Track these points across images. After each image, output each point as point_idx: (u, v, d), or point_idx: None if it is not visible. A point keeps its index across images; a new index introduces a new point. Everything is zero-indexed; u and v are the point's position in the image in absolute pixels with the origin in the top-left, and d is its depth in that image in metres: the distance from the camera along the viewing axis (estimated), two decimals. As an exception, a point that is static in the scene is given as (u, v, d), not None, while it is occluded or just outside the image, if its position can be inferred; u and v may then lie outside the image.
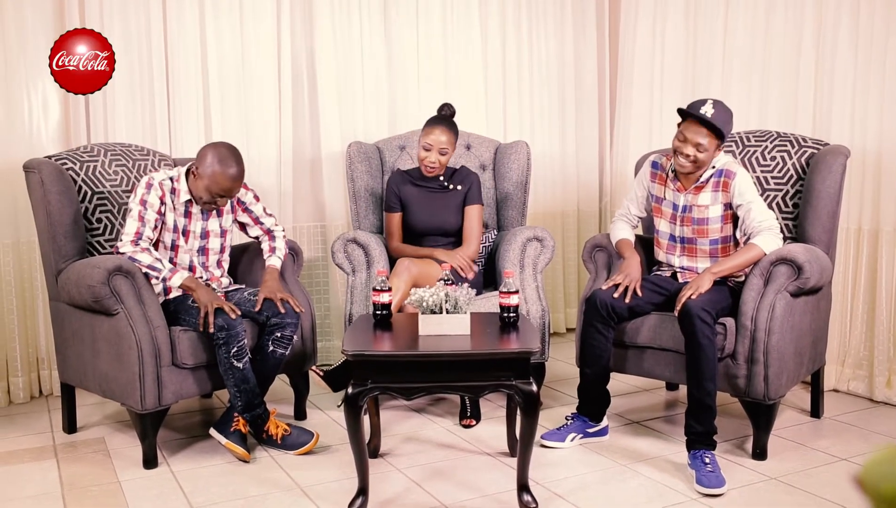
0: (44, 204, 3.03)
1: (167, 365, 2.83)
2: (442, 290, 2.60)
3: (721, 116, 2.83)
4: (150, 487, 2.69)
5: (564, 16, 4.74)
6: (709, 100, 2.85)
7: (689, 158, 2.87)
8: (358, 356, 2.39)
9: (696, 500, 2.54)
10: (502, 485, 2.65)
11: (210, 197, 2.93)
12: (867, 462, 0.47)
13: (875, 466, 0.47)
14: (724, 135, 2.85)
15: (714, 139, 2.84)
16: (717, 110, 2.82)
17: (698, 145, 2.84)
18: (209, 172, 2.88)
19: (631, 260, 3.05)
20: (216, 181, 2.88)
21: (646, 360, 3.04)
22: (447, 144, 3.41)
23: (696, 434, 2.72)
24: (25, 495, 2.64)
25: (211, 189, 2.90)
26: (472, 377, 2.42)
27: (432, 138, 3.41)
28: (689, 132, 2.86)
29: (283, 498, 2.58)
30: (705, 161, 2.88)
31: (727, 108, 2.88)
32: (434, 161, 3.41)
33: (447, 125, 3.44)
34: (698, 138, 2.84)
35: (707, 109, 2.82)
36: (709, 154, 2.87)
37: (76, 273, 2.90)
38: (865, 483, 0.47)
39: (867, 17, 3.43)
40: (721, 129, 2.82)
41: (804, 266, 2.77)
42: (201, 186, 2.91)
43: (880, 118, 3.42)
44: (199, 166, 2.91)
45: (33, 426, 3.33)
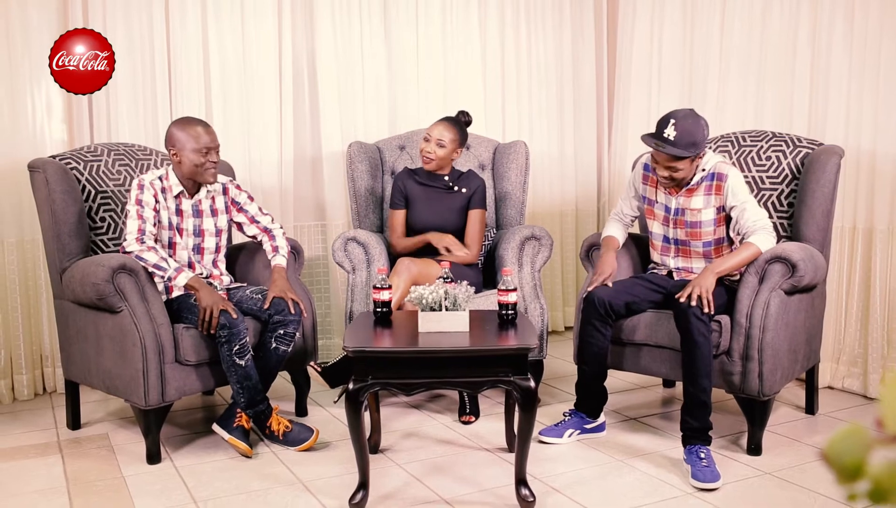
0: (48, 203, 3.07)
1: (170, 362, 2.87)
2: (441, 288, 2.64)
3: (685, 137, 2.79)
4: (154, 482, 2.73)
5: (563, 17, 4.78)
6: (671, 119, 2.81)
7: (666, 178, 2.91)
8: (359, 352, 2.43)
9: (692, 494, 2.58)
10: (501, 480, 2.69)
11: (202, 157, 2.99)
12: (831, 439, 0.51)
13: (838, 442, 0.51)
14: (696, 151, 2.83)
15: (688, 160, 2.85)
16: (679, 130, 2.78)
17: (670, 167, 2.87)
18: (184, 138, 2.98)
19: (605, 256, 3.10)
20: (194, 140, 2.97)
21: (643, 357, 3.08)
22: (446, 138, 3.46)
23: (691, 430, 2.76)
24: (31, 489, 2.68)
25: (196, 147, 2.98)
26: (470, 373, 2.46)
27: (433, 130, 3.49)
28: (659, 157, 2.88)
29: (285, 493, 2.62)
30: (685, 175, 2.91)
31: (692, 118, 2.82)
32: (430, 151, 3.46)
33: (451, 123, 3.50)
34: (669, 164, 2.86)
35: (669, 131, 2.80)
36: (686, 171, 2.89)
37: (80, 271, 2.94)
38: (830, 458, 0.51)
39: (861, 20, 3.48)
40: (687, 152, 2.80)
41: (798, 265, 2.82)
42: (188, 157, 2.99)
43: (875, 119, 3.47)
44: (174, 145, 3.01)
45: (38, 422, 3.37)
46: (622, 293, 3.00)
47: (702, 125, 2.85)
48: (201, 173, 3.02)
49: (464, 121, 3.56)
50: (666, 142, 2.81)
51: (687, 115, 2.84)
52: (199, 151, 2.98)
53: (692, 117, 2.84)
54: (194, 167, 3.00)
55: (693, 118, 2.84)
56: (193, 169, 3.01)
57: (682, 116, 2.83)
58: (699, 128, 2.84)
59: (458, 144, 3.52)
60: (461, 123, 3.53)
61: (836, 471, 0.50)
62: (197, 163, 2.99)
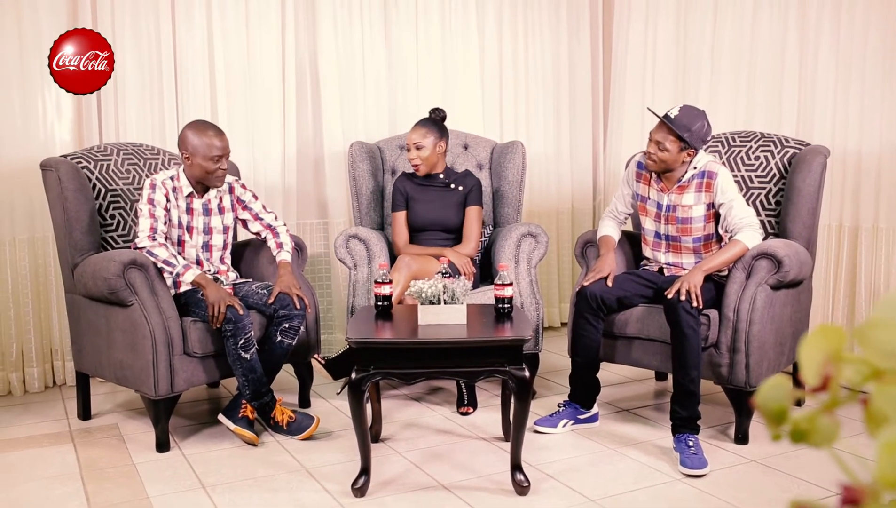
0: (61, 201, 3.18)
1: (179, 354, 2.98)
2: (440, 282, 2.75)
3: (684, 119, 2.99)
4: (164, 469, 2.84)
5: (559, 19, 4.89)
6: (681, 104, 3.05)
7: (652, 156, 3.05)
8: (361, 343, 2.54)
9: (680, 480, 2.70)
10: (497, 467, 2.80)
11: (213, 164, 3.10)
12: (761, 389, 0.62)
13: (766, 391, 0.62)
14: (688, 138, 2.98)
15: (677, 141, 3.00)
16: (682, 113, 3.00)
17: (659, 144, 3.02)
18: (198, 145, 3.08)
19: (605, 257, 3.22)
20: (208, 146, 3.08)
21: (634, 350, 3.19)
22: (422, 139, 3.59)
23: (680, 419, 2.88)
24: (46, 475, 2.79)
25: (209, 155, 3.08)
26: (468, 364, 2.58)
27: (409, 137, 3.63)
28: (654, 131, 3.06)
29: (290, 479, 2.73)
30: (668, 160, 3.04)
31: (699, 113, 3.02)
32: (414, 157, 3.60)
33: (423, 123, 3.64)
34: (658, 137, 3.02)
35: (673, 110, 3.03)
36: (671, 155, 3.03)
37: (92, 266, 3.05)
38: (759, 405, 0.62)
39: (847, 25, 3.59)
40: (680, 130, 2.97)
41: (784, 260, 2.93)
42: (199, 162, 3.09)
43: (860, 120, 3.58)
44: (187, 149, 3.10)
45: (49, 413, 3.48)
46: (614, 288, 3.12)
47: (703, 122, 3.03)
48: (211, 179, 3.14)
49: (437, 118, 3.67)
50: (666, 117, 3.00)
51: (695, 108, 3.05)
52: (211, 159, 3.09)
53: (698, 112, 3.04)
54: (205, 173, 3.12)
55: (699, 113, 3.04)
56: (204, 174, 3.12)
57: (690, 107, 3.05)
58: (699, 121, 3.02)
59: (437, 138, 3.62)
60: (433, 119, 3.65)
61: (765, 415, 0.61)
62: (209, 169, 3.11)
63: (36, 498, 2.61)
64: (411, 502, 2.55)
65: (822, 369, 0.63)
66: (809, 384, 0.63)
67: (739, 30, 4.08)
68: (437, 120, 3.66)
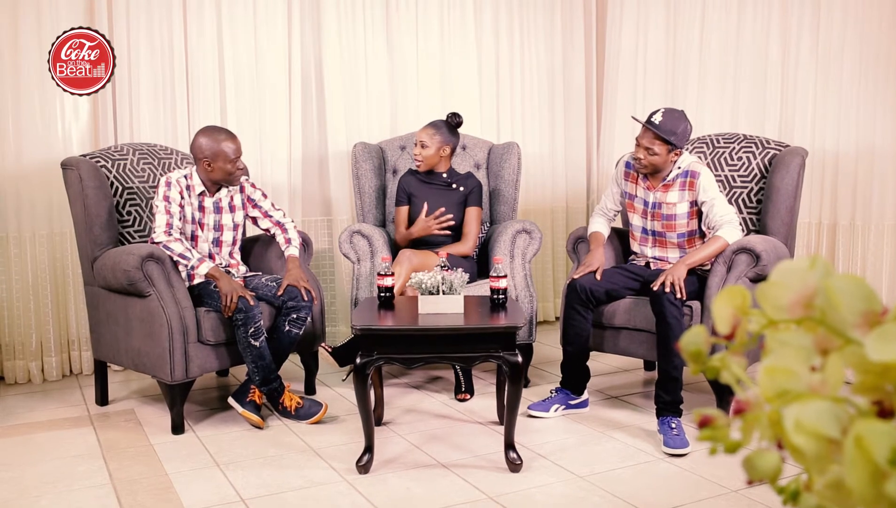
0: (81, 198, 3.37)
1: (193, 341, 3.17)
2: (439, 274, 2.94)
3: (669, 124, 3.17)
4: (180, 449, 3.03)
5: (554, 24, 5.09)
6: (662, 109, 3.23)
7: (640, 161, 3.24)
8: (365, 330, 2.73)
9: (663, 459, 2.89)
10: (492, 448, 2.99)
11: (232, 165, 3.32)
12: (683, 336, 0.81)
13: (688, 337, 0.81)
14: (674, 140, 3.18)
15: (664, 145, 3.19)
16: (665, 118, 3.18)
17: (648, 149, 3.21)
18: (216, 149, 3.28)
19: (595, 251, 3.41)
20: (226, 150, 3.29)
21: (622, 339, 3.38)
22: (427, 139, 3.79)
23: (664, 403, 3.07)
24: (70, 455, 2.98)
25: (228, 158, 3.30)
26: (464, 349, 2.77)
27: (417, 134, 3.85)
28: (641, 137, 3.23)
29: (298, 458, 2.92)
30: (657, 163, 3.23)
31: (679, 114, 3.21)
32: (417, 153, 3.82)
33: (433, 125, 3.84)
34: (646, 143, 3.20)
35: (656, 116, 3.20)
36: (660, 158, 3.22)
37: (112, 260, 3.24)
38: (682, 347, 0.81)
39: (826, 31, 3.78)
40: (667, 135, 3.16)
41: (762, 255, 3.12)
42: (220, 166, 3.30)
43: (837, 123, 3.77)
44: (205, 154, 3.30)
45: (68, 399, 3.67)
46: (603, 281, 3.31)
47: (685, 123, 3.22)
48: (232, 179, 3.36)
49: (453, 123, 3.85)
50: (651, 124, 3.17)
51: (675, 111, 3.23)
52: (231, 162, 3.31)
53: (679, 113, 3.23)
54: (227, 175, 3.33)
55: (679, 114, 3.23)
56: (226, 176, 3.33)
57: (671, 110, 3.23)
58: (682, 123, 3.21)
59: (443, 142, 3.80)
60: (447, 123, 3.84)
61: (686, 356, 0.80)
62: (230, 171, 3.32)
63: (62, 475, 2.80)
64: (412, 479, 2.74)
65: (731, 320, 0.82)
66: (721, 332, 0.82)
67: (725, 36, 4.28)
68: (451, 124, 3.85)
